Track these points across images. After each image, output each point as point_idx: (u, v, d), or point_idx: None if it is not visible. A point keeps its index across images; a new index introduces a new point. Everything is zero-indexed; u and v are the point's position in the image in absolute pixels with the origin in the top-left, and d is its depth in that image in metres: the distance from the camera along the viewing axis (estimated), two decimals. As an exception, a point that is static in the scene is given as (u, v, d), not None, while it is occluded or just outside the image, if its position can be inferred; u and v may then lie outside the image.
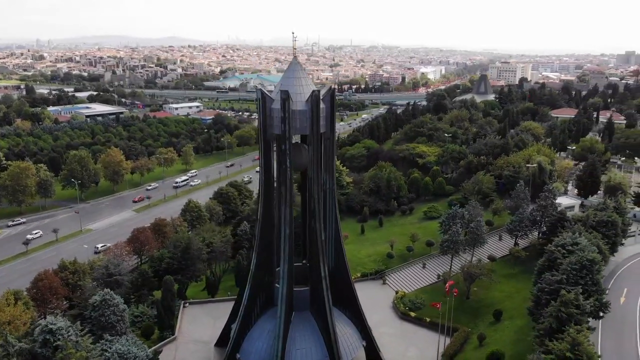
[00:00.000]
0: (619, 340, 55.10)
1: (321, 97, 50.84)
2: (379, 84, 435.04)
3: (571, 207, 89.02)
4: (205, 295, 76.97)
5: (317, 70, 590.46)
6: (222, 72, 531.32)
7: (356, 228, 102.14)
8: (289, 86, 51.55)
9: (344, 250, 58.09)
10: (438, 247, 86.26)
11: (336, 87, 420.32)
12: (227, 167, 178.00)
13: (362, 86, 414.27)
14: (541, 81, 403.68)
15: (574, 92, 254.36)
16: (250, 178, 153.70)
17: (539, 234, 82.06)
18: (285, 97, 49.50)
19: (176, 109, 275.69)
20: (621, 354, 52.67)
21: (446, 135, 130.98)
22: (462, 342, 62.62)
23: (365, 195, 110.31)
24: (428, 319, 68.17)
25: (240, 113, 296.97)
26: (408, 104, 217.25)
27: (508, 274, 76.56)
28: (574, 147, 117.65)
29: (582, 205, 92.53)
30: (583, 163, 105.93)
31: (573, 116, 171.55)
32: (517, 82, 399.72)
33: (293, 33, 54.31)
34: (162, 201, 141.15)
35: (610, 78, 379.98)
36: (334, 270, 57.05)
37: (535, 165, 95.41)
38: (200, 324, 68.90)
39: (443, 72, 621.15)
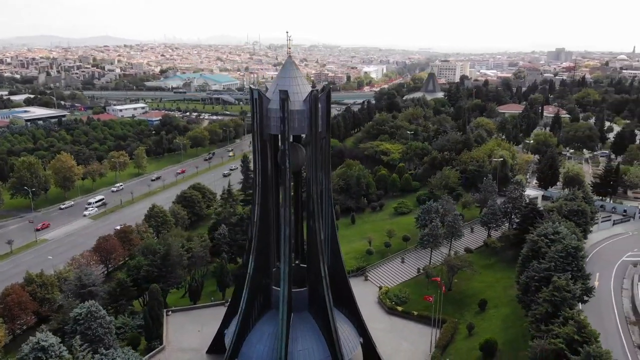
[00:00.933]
0: (599, 321, 58.41)
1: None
2: (326, 83, 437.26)
3: (535, 198, 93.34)
4: (187, 302, 74.74)
5: (261, 69, 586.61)
6: (162, 71, 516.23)
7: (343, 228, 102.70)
8: (286, 86, 50.81)
9: (340, 249, 58.16)
10: (415, 241, 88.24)
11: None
12: (178, 173, 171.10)
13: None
14: (480, 79, 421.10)
15: (515, 89, 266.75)
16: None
17: (509, 225, 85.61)
18: (285, 97, 48.84)
19: (120, 110, 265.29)
20: (605, 333, 55.91)
21: (408, 132, 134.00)
22: (452, 333, 64.30)
23: (335, 193, 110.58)
24: (415, 313, 69.47)
25: (187, 113, 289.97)
26: (363, 102, 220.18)
27: (485, 264, 79.38)
28: (530, 141, 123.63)
29: (544, 197, 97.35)
30: (537, 156, 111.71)
31: (519, 112, 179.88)
32: (457, 80, 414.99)
33: (287, 33, 53.62)
34: (119, 207, 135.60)
35: (545, 75, 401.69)
36: (330, 269, 56.91)
37: (501, 159, 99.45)
38: (187, 332, 66.82)
39: (385, 71, 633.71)
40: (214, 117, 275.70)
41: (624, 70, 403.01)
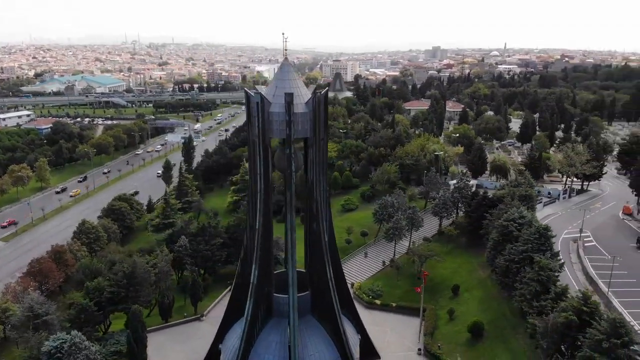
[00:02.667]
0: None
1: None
2: (223, 82, 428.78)
3: (471, 187, 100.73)
4: (157, 321, 69.95)
5: (146, 69, 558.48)
6: (37, 75, 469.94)
7: (280, 228, 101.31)
8: (286, 88, 50.02)
9: (337, 249, 58.50)
10: (372, 236, 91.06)
11: (177, 86, 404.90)
12: (79, 181, 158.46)
13: (205, 85, 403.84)
14: (371, 77, 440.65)
15: (410, 86, 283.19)
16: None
17: (456, 214, 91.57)
18: (290, 100, 48.05)
19: (3, 119, 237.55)
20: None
21: (340, 131, 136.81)
22: (435, 319, 67.60)
23: (280, 195, 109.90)
24: (394, 304, 71.91)
25: (78, 119, 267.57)
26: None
27: (443, 251, 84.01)
28: (457, 134, 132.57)
29: (476, 185, 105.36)
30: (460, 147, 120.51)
31: (425, 108, 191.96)
32: (350, 79, 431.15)
33: (283, 34, 52.39)
34: (30, 225, 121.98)
35: (430, 72, 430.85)
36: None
37: (441, 152, 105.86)
38: (170, 351, 63.00)
39: (276, 70, 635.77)
40: (109, 122, 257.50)
41: (499, 66, 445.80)
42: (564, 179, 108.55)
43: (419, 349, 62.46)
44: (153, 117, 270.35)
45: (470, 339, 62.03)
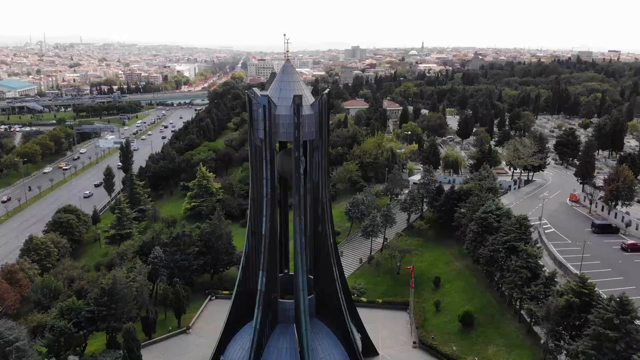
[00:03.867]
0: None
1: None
2: (144, 83, 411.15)
3: (435, 182, 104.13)
4: (142, 337, 65.98)
5: (57, 71, 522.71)
6: None
7: (244, 232, 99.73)
8: (290, 90, 49.53)
9: (337, 249, 58.61)
10: (345, 235, 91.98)
11: (94, 88, 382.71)
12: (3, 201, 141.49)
13: (125, 87, 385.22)
14: (301, 78, 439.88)
15: (342, 85, 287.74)
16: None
17: (421, 208, 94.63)
18: (299, 102, 47.63)
19: None
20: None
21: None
22: (423, 312, 69.60)
23: (241, 198, 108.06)
24: (380, 300, 73.18)
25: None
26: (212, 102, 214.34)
27: (416, 245, 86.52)
28: (408, 132, 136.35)
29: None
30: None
31: (364, 107, 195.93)
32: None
33: (285, 35, 51.63)
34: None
35: (355, 72, 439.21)
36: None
37: (401, 150, 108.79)
38: (164, 369, 59.89)
39: (197, 70, 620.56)
40: (28, 129, 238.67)
41: (419, 65, 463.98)
42: (510, 171, 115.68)
43: (414, 342, 64.01)
44: (77, 121, 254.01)
45: (462, 328, 64.44)
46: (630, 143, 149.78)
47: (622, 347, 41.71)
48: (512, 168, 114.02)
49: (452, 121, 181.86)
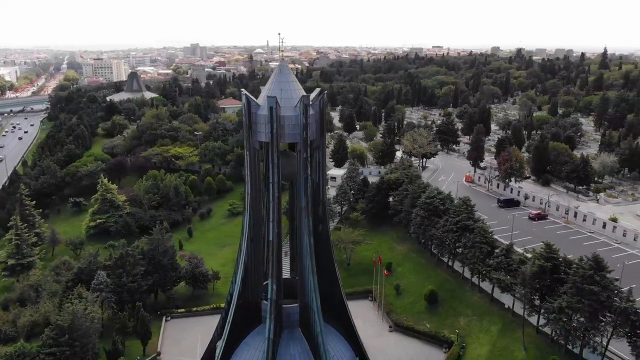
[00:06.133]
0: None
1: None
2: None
3: (342, 176, 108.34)
4: (108, 374, 58.85)
5: None
6: None
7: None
8: (291, 90, 49.04)
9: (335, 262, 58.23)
10: (285, 234, 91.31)
11: None
12: None
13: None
14: (143, 76, 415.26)
15: (202, 83, 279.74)
16: None
17: (349, 201, 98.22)
18: (307, 102, 47.47)
19: None
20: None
21: (196, 133, 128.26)
22: (386, 297, 73.20)
23: (152, 210, 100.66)
24: (342, 293, 74.91)
25: None
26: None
27: (363, 235, 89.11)
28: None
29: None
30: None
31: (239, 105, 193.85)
32: (114, 79, 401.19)
33: (279, 34, 50.41)
34: None
35: (207, 70, 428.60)
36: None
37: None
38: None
39: (18, 73, 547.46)
40: None
41: (270, 63, 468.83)
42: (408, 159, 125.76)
43: (390, 326, 67.27)
44: None
45: (428, 306, 69.55)
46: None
47: (604, 297, 49.77)
48: (410, 156, 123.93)
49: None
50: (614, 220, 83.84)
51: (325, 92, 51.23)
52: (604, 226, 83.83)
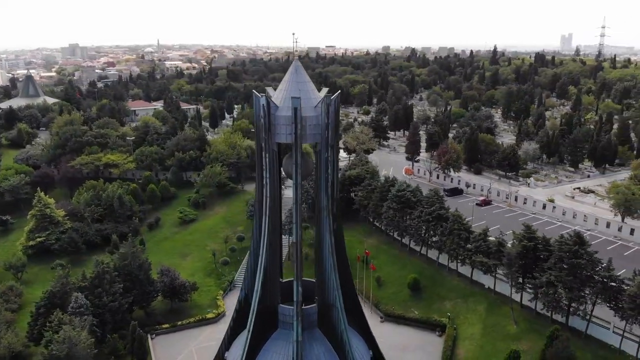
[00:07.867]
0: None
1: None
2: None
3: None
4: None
5: None
6: None
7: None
8: (308, 90, 49.42)
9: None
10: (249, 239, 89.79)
11: None
12: None
13: None
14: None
15: (103, 86, 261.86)
16: None
17: (312, 200, 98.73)
18: (329, 102, 48.15)
19: None
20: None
21: (128, 138, 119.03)
22: (370, 289, 75.22)
23: (97, 223, 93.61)
24: (325, 291, 75.76)
25: None
26: None
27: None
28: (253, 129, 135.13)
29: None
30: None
31: (153, 107, 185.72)
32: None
33: (294, 34, 50.09)
34: None
35: (97, 71, 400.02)
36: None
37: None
38: None
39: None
40: None
41: (165, 62, 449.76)
42: (348, 156, 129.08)
43: (381, 317, 69.64)
44: None
45: (412, 294, 72.98)
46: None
47: (589, 269, 56.17)
48: (349, 154, 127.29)
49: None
50: (552, 201, 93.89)
51: (337, 94, 51.72)
52: (544, 207, 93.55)
